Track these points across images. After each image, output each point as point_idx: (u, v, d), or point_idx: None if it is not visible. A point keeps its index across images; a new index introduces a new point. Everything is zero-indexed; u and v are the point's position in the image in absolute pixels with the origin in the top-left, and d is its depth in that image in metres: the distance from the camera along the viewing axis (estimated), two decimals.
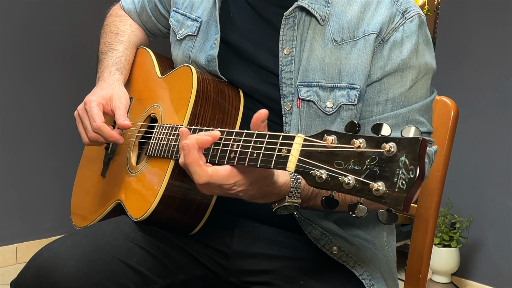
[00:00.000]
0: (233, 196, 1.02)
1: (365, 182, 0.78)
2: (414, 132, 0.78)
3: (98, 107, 1.27)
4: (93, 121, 1.26)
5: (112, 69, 1.40)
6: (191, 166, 0.97)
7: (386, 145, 0.78)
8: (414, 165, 0.75)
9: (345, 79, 1.18)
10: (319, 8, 1.19)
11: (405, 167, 0.76)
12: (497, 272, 2.86)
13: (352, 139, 0.81)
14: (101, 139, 1.28)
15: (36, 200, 3.03)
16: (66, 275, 1.09)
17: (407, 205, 0.76)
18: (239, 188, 0.99)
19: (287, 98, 1.21)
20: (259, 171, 0.98)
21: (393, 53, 1.17)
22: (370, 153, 0.79)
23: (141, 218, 1.19)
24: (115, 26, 1.51)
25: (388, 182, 0.77)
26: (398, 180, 0.76)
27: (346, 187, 0.80)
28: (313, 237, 1.22)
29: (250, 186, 0.99)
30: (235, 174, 0.97)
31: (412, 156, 0.76)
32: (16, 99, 2.93)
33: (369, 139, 0.80)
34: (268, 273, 1.22)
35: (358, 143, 0.80)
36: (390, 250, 1.34)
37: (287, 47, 1.20)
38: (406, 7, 1.19)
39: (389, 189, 0.76)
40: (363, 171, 0.79)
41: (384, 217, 0.80)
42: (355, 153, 0.81)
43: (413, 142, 0.76)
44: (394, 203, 0.76)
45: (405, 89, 1.18)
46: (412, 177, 0.75)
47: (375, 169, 0.78)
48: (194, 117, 1.18)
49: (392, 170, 0.77)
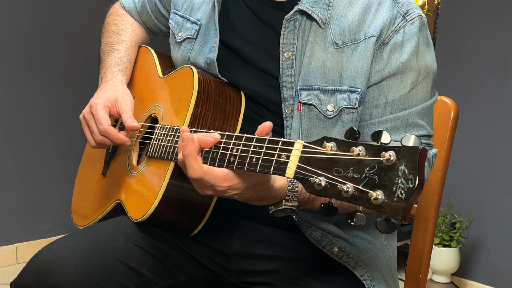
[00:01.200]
0: (229, 197, 1.02)
1: (364, 190, 0.78)
2: (414, 141, 0.77)
3: (104, 110, 1.27)
4: (99, 124, 1.26)
5: (115, 70, 1.40)
6: (187, 158, 0.97)
7: (385, 154, 0.77)
8: (413, 174, 0.75)
9: (346, 82, 1.17)
10: (320, 11, 1.19)
11: (404, 176, 0.75)
12: (497, 272, 2.86)
13: (352, 146, 0.81)
14: (108, 141, 1.28)
15: (36, 200, 3.03)
16: (66, 276, 1.08)
17: (406, 215, 0.75)
18: (233, 191, 0.99)
19: (288, 101, 1.20)
20: (256, 176, 0.98)
21: (393, 55, 1.17)
22: (369, 161, 0.79)
23: (141, 219, 1.19)
24: (116, 25, 1.50)
25: (387, 191, 0.76)
26: (397, 189, 0.75)
27: (345, 195, 0.80)
28: (313, 238, 1.22)
29: (245, 190, 0.99)
30: (231, 177, 0.97)
31: (412, 166, 0.75)
32: (17, 99, 2.93)
33: (368, 147, 0.80)
34: (269, 274, 1.22)
35: (358, 151, 0.80)
36: (390, 250, 1.34)
37: (288, 51, 1.20)
38: (407, 9, 1.19)
39: (388, 198, 0.76)
40: (362, 179, 0.79)
41: (383, 226, 0.79)
42: (355, 161, 0.80)
43: (412, 151, 0.76)
44: (393, 212, 0.75)
45: (405, 92, 1.17)
46: (411, 186, 0.74)
47: (374, 178, 0.78)
48: (195, 118, 1.18)
49: (391, 179, 0.76)
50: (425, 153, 0.76)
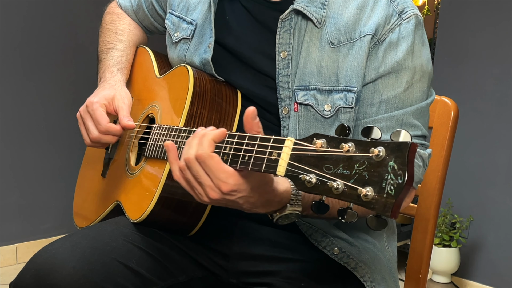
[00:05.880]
0: (232, 204, 0.99)
1: (354, 187, 0.77)
2: (403, 136, 0.76)
3: (101, 108, 1.27)
4: (98, 124, 1.26)
5: (114, 69, 1.40)
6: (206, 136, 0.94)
7: (374, 150, 0.76)
8: (402, 170, 0.74)
9: (342, 82, 1.16)
10: (315, 10, 1.18)
11: (394, 172, 0.74)
12: (497, 272, 2.86)
13: (341, 143, 0.80)
14: (103, 140, 1.27)
15: (36, 200, 3.04)
16: (65, 277, 1.08)
17: (396, 211, 0.74)
18: (239, 194, 0.96)
19: (285, 102, 1.20)
20: (258, 176, 0.96)
21: (388, 54, 1.16)
22: (359, 157, 0.78)
23: (139, 220, 1.19)
24: (113, 24, 1.50)
25: (377, 187, 0.75)
26: (386, 185, 0.74)
27: (335, 192, 0.79)
28: (313, 239, 1.22)
29: (251, 193, 0.96)
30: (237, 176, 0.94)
31: (401, 161, 0.74)
32: (17, 99, 2.93)
33: (358, 143, 0.79)
34: (269, 275, 1.22)
35: (347, 147, 0.79)
36: (390, 250, 1.33)
37: (284, 51, 1.19)
38: (403, 7, 1.18)
39: (378, 195, 0.75)
40: (352, 176, 0.78)
41: (373, 222, 0.78)
42: (344, 157, 0.79)
43: (401, 146, 0.75)
44: (383, 209, 0.75)
45: (400, 91, 1.16)
46: (400, 182, 0.74)
47: (364, 174, 0.77)
48: (191, 117, 1.18)
49: (381, 175, 0.75)
50: (414, 148, 0.75)
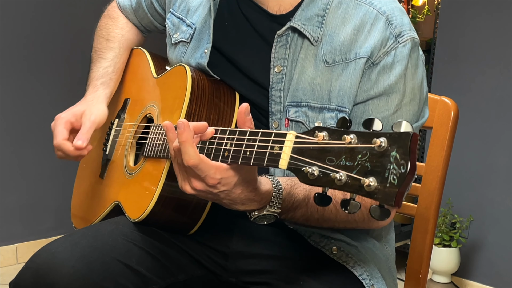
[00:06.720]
0: (212, 197, 1.02)
1: (357, 178, 0.78)
2: (405, 127, 0.78)
3: (64, 124, 1.30)
4: (54, 139, 1.29)
5: (97, 83, 1.42)
6: (184, 144, 0.96)
7: (377, 140, 0.77)
8: (405, 159, 0.75)
9: (334, 101, 1.17)
10: (312, 29, 1.18)
11: (396, 162, 0.75)
12: (497, 272, 2.86)
13: (343, 134, 0.81)
14: (57, 155, 1.30)
15: (36, 200, 3.03)
16: (64, 276, 1.08)
17: (399, 200, 0.76)
18: (223, 187, 0.98)
19: (275, 116, 1.20)
20: (244, 172, 0.98)
21: (381, 77, 1.16)
22: (361, 148, 0.79)
23: (139, 219, 1.19)
24: (106, 30, 1.51)
25: (380, 177, 0.76)
26: (389, 175, 0.76)
27: (338, 184, 0.80)
28: (312, 240, 1.22)
29: (234, 188, 0.99)
30: (224, 169, 0.97)
31: (403, 151, 0.75)
32: (17, 99, 2.93)
33: (360, 134, 0.80)
34: (268, 273, 1.22)
35: (349, 139, 0.80)
36: (389, 248, 1.34)
37: (279, 65, 1.19)
38: (401, 30, 1.17)
39: (381, 185, 0.76)
40: (355, 167, 0.79)
41: (377, 212, 0.79)
42: (347, 149, 0.80)
43: (403, 136, 0.76)
44: (386, 198, 0.76)
45: (389, 114, 1.16)
46: (403, 172, 0.75)
47: (366, 165, 0.78)
48: (189, 116, 1.18)
49: (383, 165, 0.76)
50: (416, 138, 0.76)
